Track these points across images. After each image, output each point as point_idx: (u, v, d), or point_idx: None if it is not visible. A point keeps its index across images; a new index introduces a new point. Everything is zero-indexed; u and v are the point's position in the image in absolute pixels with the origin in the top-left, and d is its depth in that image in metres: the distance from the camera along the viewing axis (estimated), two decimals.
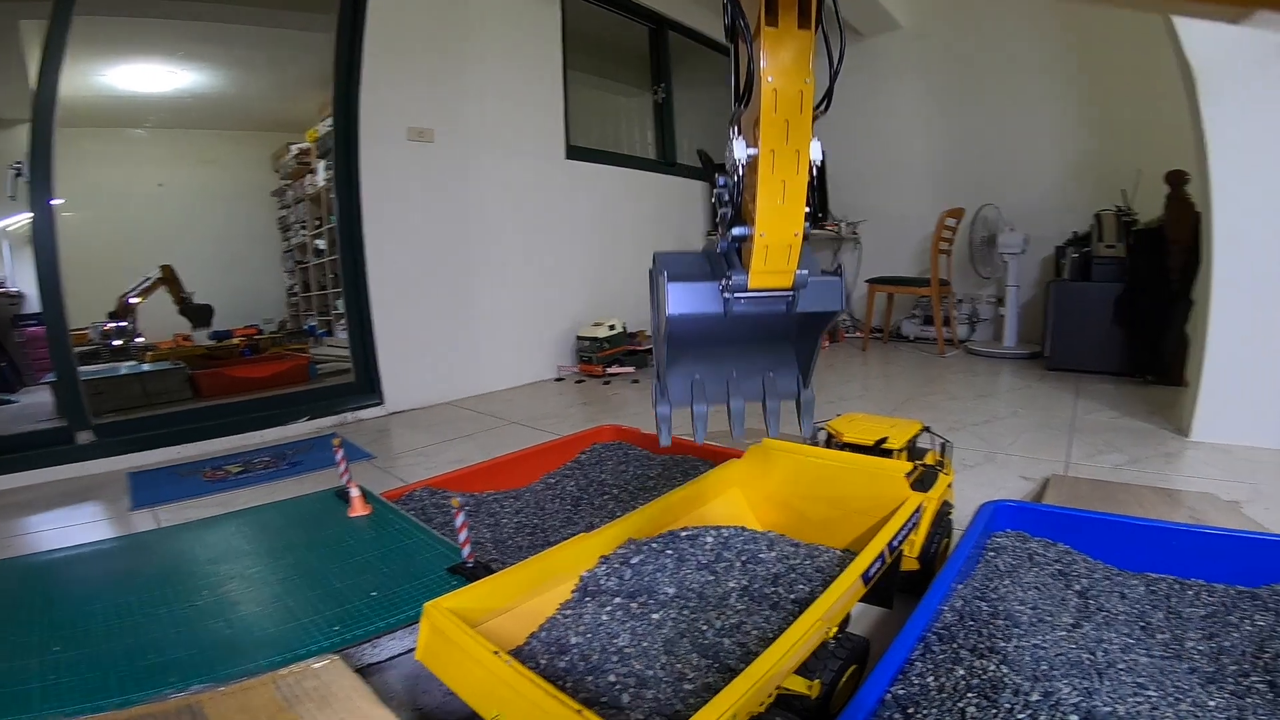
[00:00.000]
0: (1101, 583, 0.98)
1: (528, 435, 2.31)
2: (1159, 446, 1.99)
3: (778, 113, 0.55)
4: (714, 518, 1.16)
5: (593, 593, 0.93)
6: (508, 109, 3.20)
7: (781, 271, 0.62)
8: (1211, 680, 0.77)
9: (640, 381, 3.20)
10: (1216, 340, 2.01)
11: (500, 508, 1.55)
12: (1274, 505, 1.50)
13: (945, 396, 2.73)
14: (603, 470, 1.77)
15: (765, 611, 0.90)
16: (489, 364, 3.17)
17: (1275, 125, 1.87)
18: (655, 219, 4.24)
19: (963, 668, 0.81)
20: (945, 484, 1.20)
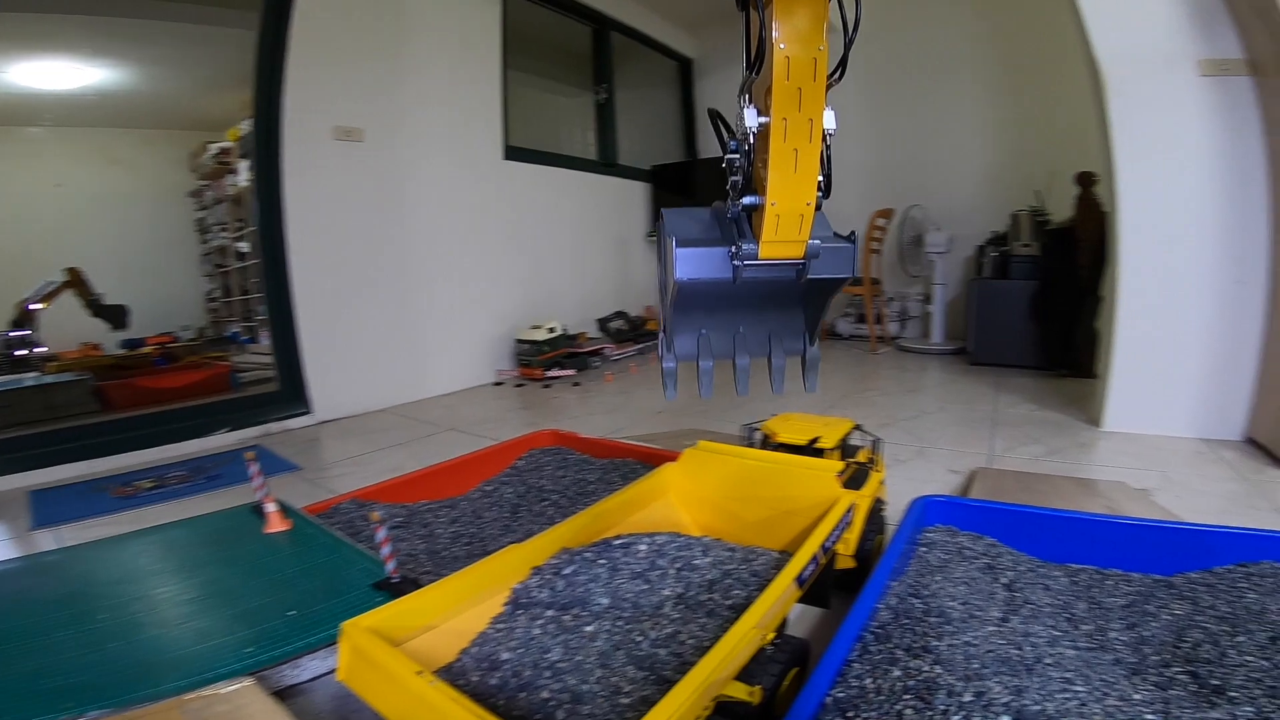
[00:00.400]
0: (1026, 575, 1.00)
1: (466, 442, 2.23)
2: (1074, 437, 2.07)
3: (790, 80, 0.54)
4: (650, 523, 1.13)
5: (525, 605, 0.90)
6: (444, 108, 3.10)
7: (793, 241, 0.61)
8: (1135, 671, 0.78)
9: (581, 384, 3.15)
10: (1124, 335, 2.11)
11: (435, 518, 1.49)
12: (1182, 492, 1.57)
13: (878, 393, 2.79)
14: (541, 476, 1.73)
15: (701, 619, 0.88)
16: (425, 369, 3.05)
17: (1176, 125, 1.97)
18: (596, 220, 4.20)
19: (899, 668, 0.80)
20: (878, 481, 1.20)
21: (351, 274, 2.75)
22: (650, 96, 5.08)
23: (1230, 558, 0.98)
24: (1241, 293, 1.95)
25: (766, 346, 0.76)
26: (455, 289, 3.19)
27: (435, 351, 3.09)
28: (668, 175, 4.70)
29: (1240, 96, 1.90)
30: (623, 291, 4.37)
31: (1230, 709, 0.66)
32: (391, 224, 2.89)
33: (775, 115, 0.55)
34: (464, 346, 3.25)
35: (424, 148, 2.99)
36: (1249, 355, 1.96)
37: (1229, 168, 1.93)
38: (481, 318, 3.34)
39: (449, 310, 3.16)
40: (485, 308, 3.35)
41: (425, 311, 3.04)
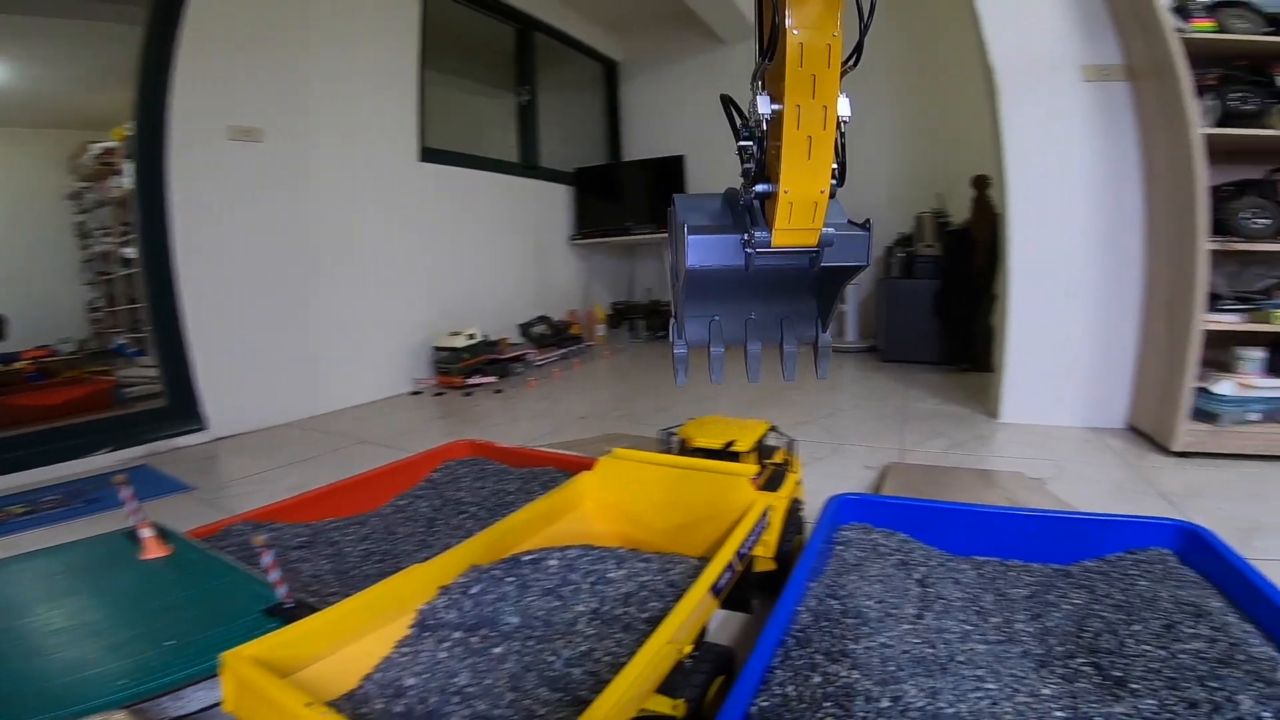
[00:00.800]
0: (937, 570, 1.01)
1: (379, 455, 2.11)
2: (975, 429, 2.16)
3: (804, 67, 0.52)
4: (565, 536, 1.08)
5: (431, 627, 0.85)
6: (356, 108, 2.93)
7: (806, 229, 0.59)
8: (1043, 664, 0.79)
9: (504, 391, 3.06)
10: (1015, 331, 2.22)
11: (342, 536, 1.39)
12: (1074, 481, 1.66)
13: (798, 391, 2.83)
14: (458, 488, 1.65)
15: (617, 635, 0.84)
16: (335, 379, 2.87)
17: (1061, 129, 2.08)
18: (518, 223, 4.10)
19: (819, 674, 0.79)
20: (794, 482, 1.20)
21: (249, 281, 2.55)
22: (574, 98, 5.01)
23: (1120, 545, 1.03)
24: (1120, 289, 2.09)
25: (778, 333, 0.74)
26: (368, 295, 3.02)
27: (345, 361, 2.92)
28: (591, 178, 4.65)
29: (1119, 101, 2.03)
30: (545, 295, 4.28)
31: (1134, 702, 0.67)
32: (294, 228, 2.70)
33: (789, 102, 0.53)
34: (378, 355, 3.09)
35: (332, 148, 2.82)
36: (1127, 348, 2.10)
37: (1108, 171, 2.06)
38: (397, 325, 3.18)
39: (361, 318, 2.99)
40: (401, 314, 3.20)
41: (334, 319, 2.87)
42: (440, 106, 3.67)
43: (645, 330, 4.73)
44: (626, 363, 3.77)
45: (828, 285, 0.72)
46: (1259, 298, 1.86)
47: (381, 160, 3.09)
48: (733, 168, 2.47)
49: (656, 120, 5.13)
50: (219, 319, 2.45)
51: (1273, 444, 1.76)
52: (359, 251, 2.98)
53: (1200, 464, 1.76)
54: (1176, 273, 1.86)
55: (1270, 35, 1.79)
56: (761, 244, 0.60)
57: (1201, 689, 0.66)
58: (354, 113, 2.93)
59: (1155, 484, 1.62)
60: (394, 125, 3.18)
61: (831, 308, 0.73)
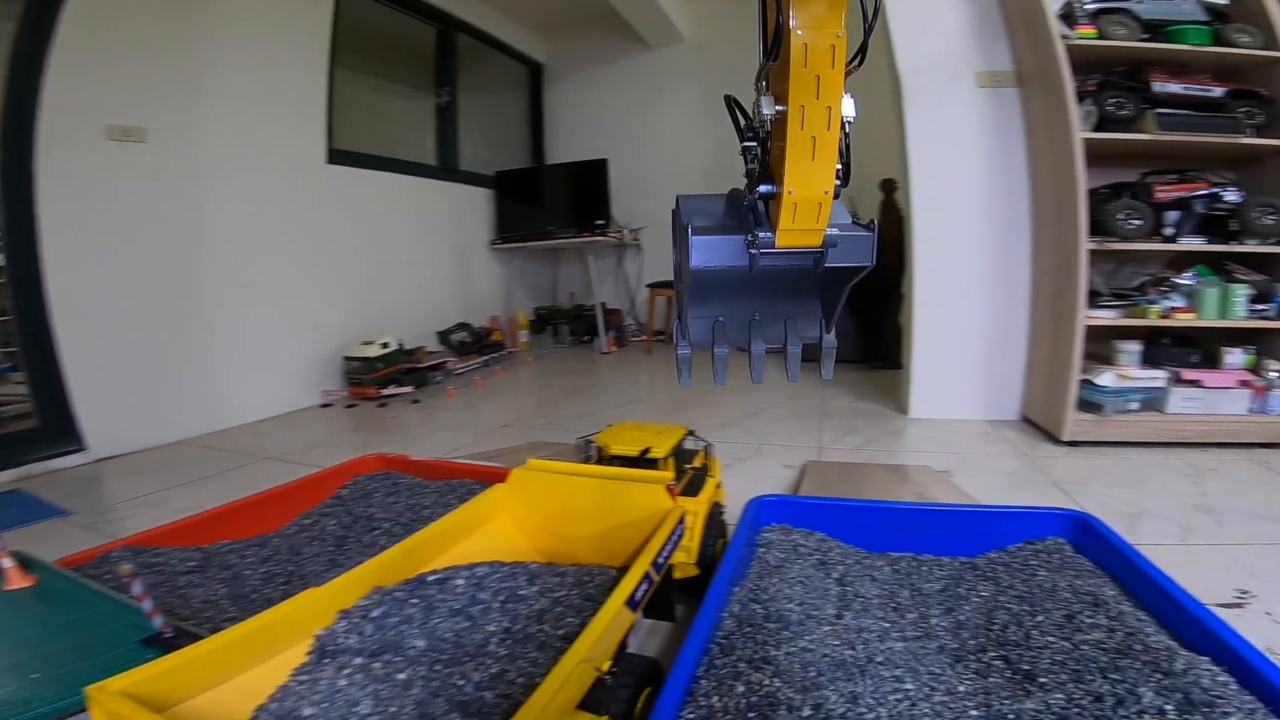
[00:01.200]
0: (855, 568, 1.01)
1: (285, 471, 1.96)
2: (887, 425, 2.23)
3: (808, 67, 0.52)
4: (479, 552, 1.02)
5: (331, 653, 0.78)
6: (256, 107, 2.73)
7: (811, 230, 0.59)
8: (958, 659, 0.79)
9: (421, 401, 2.93)
10: (919, 329, 2.31)
11: (239, 559, 1.29)
12: (976, 472, 1.73)
13: (720, 393, 2.85)
14: (370, 504, 1.55)
15: (532, 654, 0.80)
16: (235, 393, 2.67)
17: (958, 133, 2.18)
18: (435, 228, 3.95)
19: (742, 683, 0.77)
20: (713, 485, 1.18)
21: (132, 290, 2.32)
22: (497, 100, 4.89)
23: (1020, 535, 1.07)
24: (1010, 287, 2.21)
25: (782, 334, 0.74)
26: (271, 304, 2.82)
27: (247, 373, 2.71)
28: (513, 181, 4.55)
29: (1009, 107, 2.14)
30: (466, 302, 4.15)
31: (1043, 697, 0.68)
32: (185, 233, 2.49)
33: (793, 103, 0.53)
34: (283, 366, 2.88)
35: (227, 150, 2.62)
36: (1019, 344, 2.22)
37: (1000, 175, 2.17)
38: (303, 335, 2.98)
39: (264, 327, 2.79)
40: (309, 323, 3.00)
41: (233, 329, 2.66)
42: (354, 107, 3.50)
43: (569, 335, 4.66)
44: (551, 368, 3.70)
45: (832, 286, 0.72)
46: (1134, 294, 2.01)
47: (285, 162, 2.90)
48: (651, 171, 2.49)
49: (581, 123, 5.08)
50: (96, 331, 2.22)
51: (1151, 431, 1.90)
52: (260, 257, 2.78)
53: (1088, 452, 1.88)
54: (1060, 271, 1.98)
55: (1146, 42, 1.91)
56: (765, 244, 0.60)
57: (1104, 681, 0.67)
58: (254, 112, 2.74)
59: (1048, 473, 1.71)
60: (299, 126, 2.98)
61: (835, 308, 0.72)
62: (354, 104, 3.53)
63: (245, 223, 2.71)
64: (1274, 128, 1.90)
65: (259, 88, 2.76)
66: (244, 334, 2.71)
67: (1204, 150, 1.97)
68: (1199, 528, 1.35)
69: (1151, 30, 1.94)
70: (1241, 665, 0.66)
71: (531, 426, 2.38)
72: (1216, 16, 1.96)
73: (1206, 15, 1.94)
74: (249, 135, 2.72)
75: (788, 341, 0.74)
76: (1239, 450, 1.86)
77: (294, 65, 2.95)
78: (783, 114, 0.55)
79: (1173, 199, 1.91)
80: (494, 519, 1.10)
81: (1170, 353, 1.97)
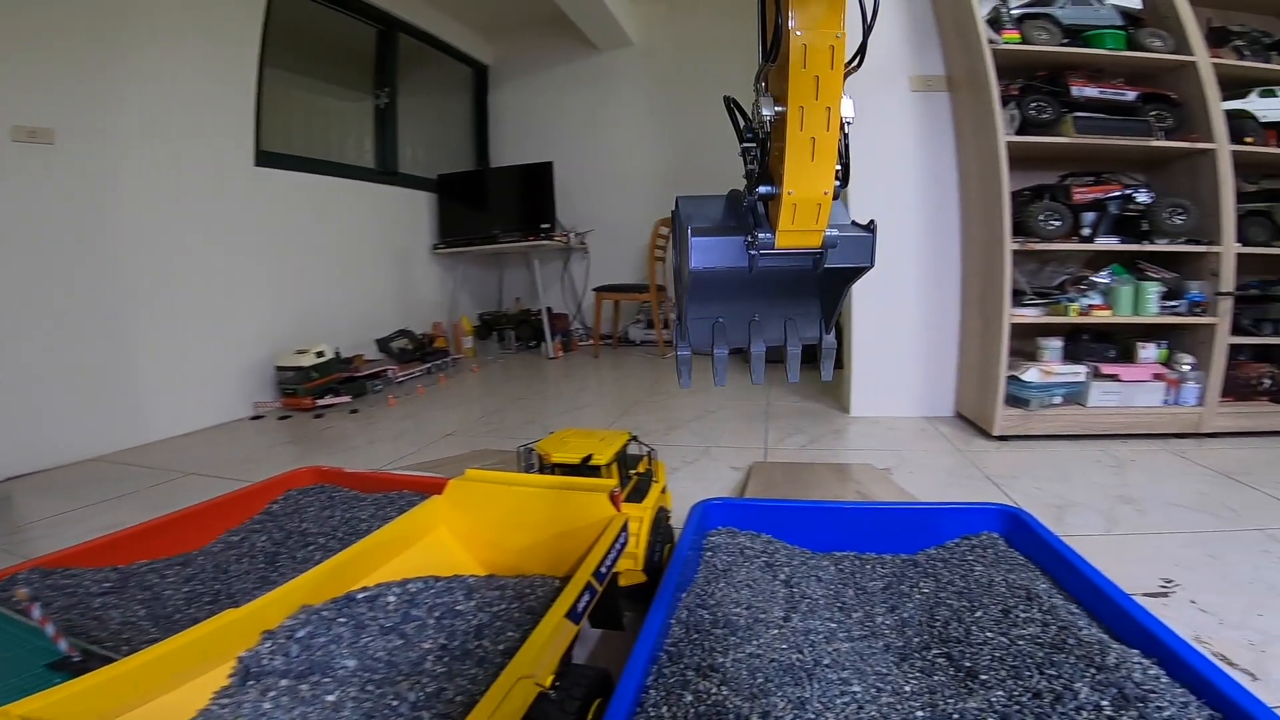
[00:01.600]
0: (801, 569, 1.01)
1: (212, 487, 1.84)
2: (830, 424, 2.26)
3: (807, 69, 0.51)
4: (414, 567, 0.97)
5: (256, 675, 0.74)
6: (177, 107, 2.58)
7: (810, 231, 0.59)
8: (904, 657, 0.79)
9: (360, 411, 2.81)
10: (858, 328, 2.36)
11: (160, 578, 1.21)
12: (914, 469, 1.76)
13: (667, 396, 2.85)
14: (303, 519, 1.46)
15: (471, 671, 0.76)
16: (157, 406, 2.50)
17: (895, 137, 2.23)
18: (374, 233, 3.82)
19: (690, 692, 0.75)
20: (658, 491, 1.16)
21: (40, 300, 2.15)
22: (440, 102, 4.77)
23: (956, 531, 1.08)
24: (943, 288, 2.27)
25: (782, 334, 0.74)
26: (194, 313, 2.66)
27: (168, 385, 2.54)
28: (455, 184, 4.44)
29: (940, 111, 2.21)
30: (407, 308, 4.02)
31: (985, 695, 0.68)
32: (98, 239, 2.33)
33: (792, 104, 0.52)
34: (209, 378, 2.72)
35: (145, 151, 2.47)
36: (951, 342, 2.29)
37: (932, 177, 2.24)
38: (232, 344, 2.82)
39: (186, 337, 2.62)
40: (236, 333, 2.84)
41: (151, 340, 2.50)
42: (287, 109, 3.35)
43: (515, 340, 4.59)
44: (496, 375, 3.62)
45: (832, 287, 0.71)
46: (1055, 292, 2.10)
47: (209, 165, 2.74)
48: (598, 174, 2.45)
49: (527, 126, 5.01)
50: (0, 343, 2.06)
51: (1074, 424, 1.98)
52: (183, 263, 2.62)
53: (1017, 446, 1.95)
54: (987, 271, 2.04)
55: (1066, 46, 1.98)
56: (765, 245, 0.59)
57: (1042, 677, 0.68)
58: (176, 113, 2.59)
59: (981, 468, 1.76)
60: (225, 127, 2.84)
61: (835, 309, 0.72)
62: (287, 105, 3.38)
63: (165, 227, 2.55)
64: (1183, 131, 2.01)
65: (181, 87, 2.62)
66: (165, 344, 2.55)
67: (1118, 153, 2.07)
68: (1122, 518, 1.40)
69: (1072, 35, 2.01)
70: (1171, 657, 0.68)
71: (476, 434, 2.32)
72: (1131, 21, 2.04)
73: (1122, 20, 2.02)
74: (169, 136, 2.57)
75: (787, 342, 0.74)
76: (1156, 440, 1.96)
77: (220, 64, 2.81)
78: (782, 115, 0.55)
79: (1089, 200, 2.00)
80: (431, 532, 1.05)
81: (1089, 348, 2.07)
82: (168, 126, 2.56)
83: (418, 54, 4.39)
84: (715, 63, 4.47)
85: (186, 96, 2.64)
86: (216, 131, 2.80)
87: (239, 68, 2.91)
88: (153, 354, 2.51)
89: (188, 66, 2.65)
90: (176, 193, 2.60)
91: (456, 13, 4.48)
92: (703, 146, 4.57)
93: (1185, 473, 1.69)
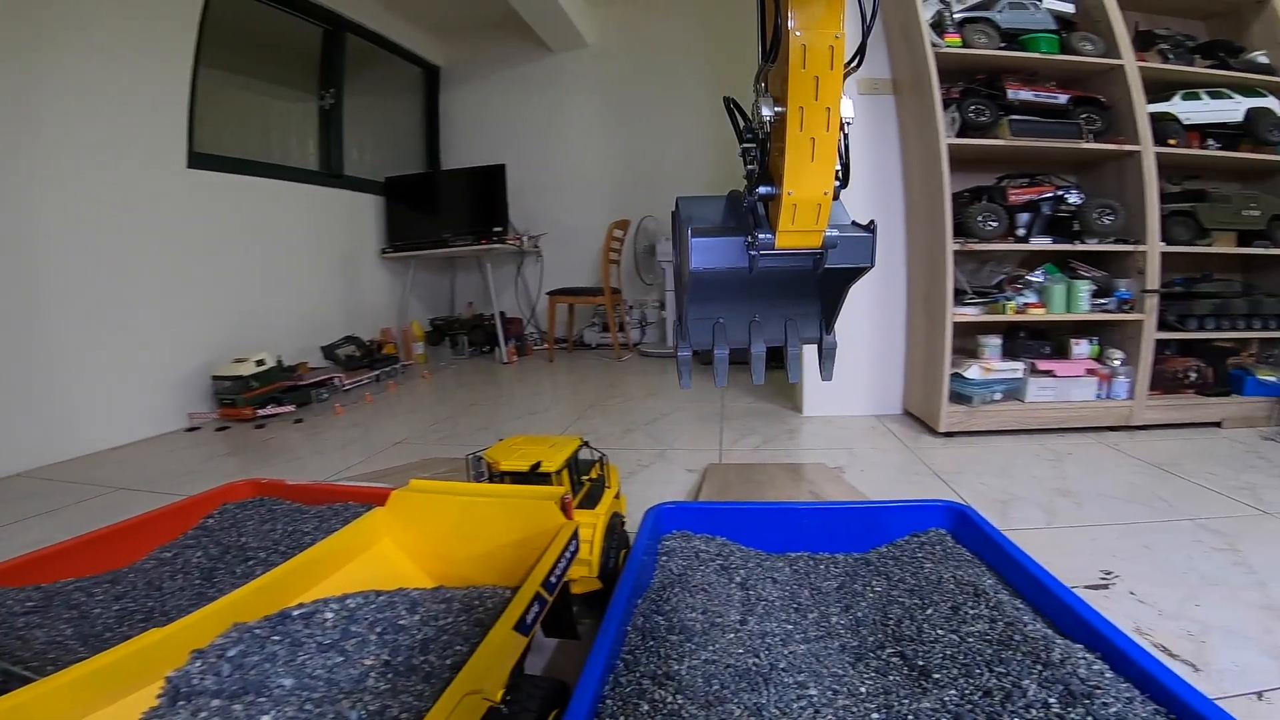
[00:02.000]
0: (756, 570, 1.00)
1: (144, 502, 1.74)
2: (783, 424, 2.28)
3: (807, 69, 0.52)
4: (357, 581, 0.93)
5: (186, 695, 0.71)
6: (104, 107, 2.45)
7: (810, 231, 0.59)
8: (859, 657, 0.79)
9: (304, 420, 2.71)
10: None
11: (88, 597, 1.15)
12: (865, 466, 1.79)
13: (622, 399, 2.83)
14: (241, 533, 1.39)
15: (416, 687, 0.73)
16: (82, 419, 2.34)
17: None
18: (318, 237, 3.68)
19: (646, 701, 0.74)
20: (611, 496, 1.15)
21: None
22: (388, 104, 4.64)
23: (906, 529, 1.10)
24: (890, 287, 2.32)
25: (782, 335, 0.74)
26: (123, 321, 2.52)
27: (96, 397, 2.40)
28: (404, 187, 4.33)
29: (886, 114, 2.25)
30: (354, 314, 3.90)
31: (938, 694, 0.68)
32: (16, 244, 2.18)
33: (791, 104, 0.53)
34: (140, 389, 2.57)
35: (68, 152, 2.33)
36: (898, 341, 2.34)
37: (880, 179, 2.28)
38: (165, 353, 2.68)
39: (115, 347, 2.48)
40: (170, 341, 2.70)
41: (76, 350, 2.35)
42: (225, 109, 3.22)
43: (468, 346, 4.50)
44: (448, 381, 3.54)
45: (832, 287, 0.71)
46: (994, 292, 2.16)
47: (136, 167, 2.60)
48: (552, 177, 2.44)
49: (480, 128, 4.93)
50: None
51: (1014, 419, 2.04)
52: (110, 270, 2.47)
53: (962, 443, 2.00)
54: (931, 271, 2.09)
55: (1004, 50, 2.04)
56: (765, 246, 0.59)
57: (991, 675, 0.68)
58: (103, 111, 2.46)
59: (929, 464, 1.80)
60: (155, 128, 2.70)
61: (836, 309, 0.72)
62: (225, 106, 3.24)
63: (90, 232, 2.41)
64: (1111, 133, 2.09)
65: (109, 85, 2.48)
66: (92, 354, 2.40)
67: (1050, 155, 2.15)
68: (1062, 511, 1.44)
69: (1009, 39, 2.06)
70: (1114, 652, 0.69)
71: (427, 442, 2.26)
72: (1065, 25, 2.11)
73: (1055, 24, 2.08)
74: (95, 136, 2.43)
75: (788, 342, 0.74)
76: (1090, 434, 2.04)
77: (151, 63, 2.68)
78: (781, 115, 0.54)
79: (1024, 201, 2.07)
80: (375, 545, 1.01)
81: (1026, 345, 2.14)
82: (93, 126, 2.42)
83: (367, 54, 4.28)
84: (671, 65, 4.50)
85: (115, 94, 2.50)
86: (147, 132, 2.66)
87: (172, 67, 2.78)
88: (79, 365, 2.36)
89: (117, 63, 2.51)
90: (102, 195, 2.45)
91: (407, 13, 4.38)
92: (657, 149, 4.59)
93: (1119, 465, 1.76)
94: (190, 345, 2.79)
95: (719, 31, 4.36)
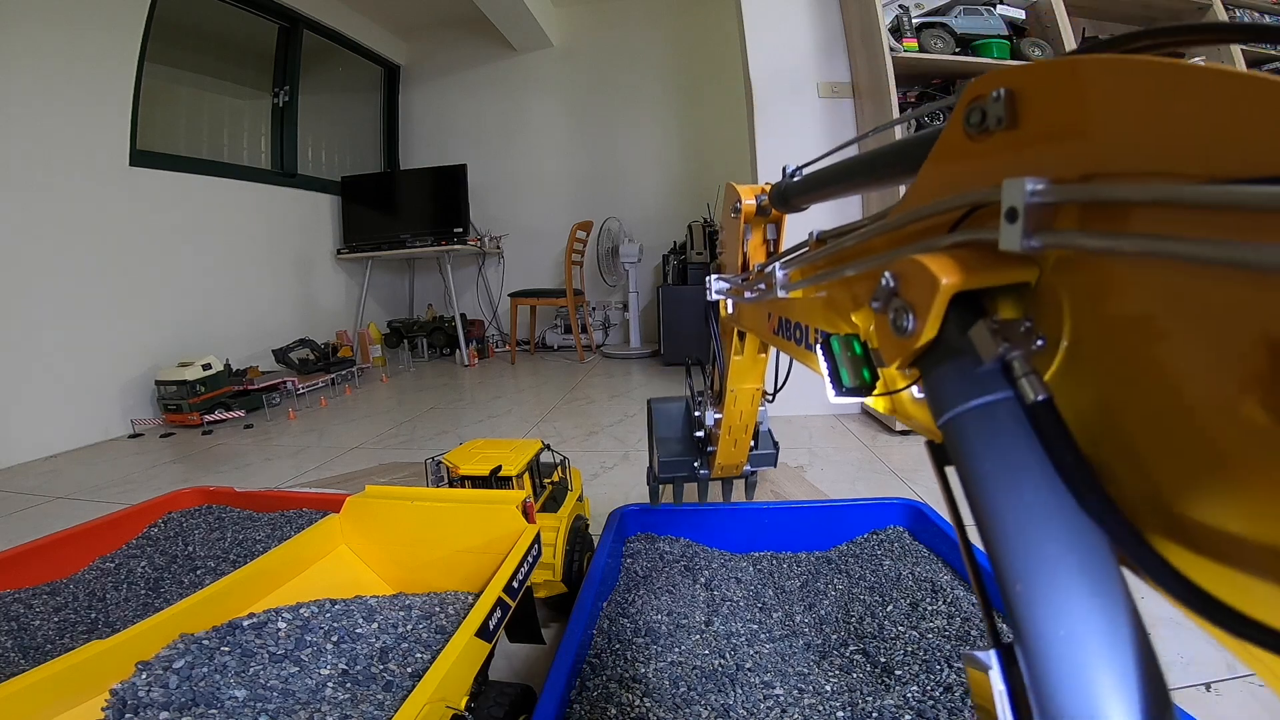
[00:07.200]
0: (720, 571, 1.01)
1: (84, 511, 1.66)
2: None
3: (736, 405, 0.90)
4: (313, 589, 0.90)
5: (133, 708, 0.67)
6: (36, 104, 2.33)
7: (737, 464, 1.04)
8: (823, 655, 0.79)
9: (255, 426, 2.62)
10: None
11: (25, 608, 1.11)
12: (825, 465, 1.82)
13: (585, 401, 2.81)
14: (188, 542, 1.34)
15: (377, 696, 0.71)
16: (14, 426, 2.22)
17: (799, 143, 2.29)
18: (269, 237, 3.56)
19: (613, 705, 0.73)
20: (574, 500, 1.14)
21: None
22: (346, 102, 4.53)
23: (866, 526, 1.12)
24: None
25: None
26: (58, 324, 2.39)
27: (29, 404, 2.27)
28: (361, 187, 4.23)
29: (845, 118, 2.29)
30: (308, 316, 3.79)
31: (901, 691, 0.69)
32: None
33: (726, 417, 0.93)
34: (78, 395, 2.45)
35: None
36: None
37: None
38: (104, 358, 2.55)
39: (49, 351, 2.35)
40: (110, 346, 2.58)
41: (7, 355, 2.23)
42: (172, 106, 3.10)
43: (428, 348, 4.42)
44: (407, 384, 3.47)
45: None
46: None
47: (76, 164, 2.48)
48: (515, 177, 2.47)
49: (441, 128, 4.85)
50: None
51: None
52: (42, 271, 2.35)
53: (917, 439, 2.04)
54: None
55: (958, 55, 2.08)
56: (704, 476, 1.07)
57: (950, 670, 0.69)
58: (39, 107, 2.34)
59: (887, 461, 1.83)
60: (94, 125, 2.58)
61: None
62: (172, 102, 3.12)
63: (19, 233, 2.28)
64: None
65: (46, 78, 2.37)
66: (24, 359, 2.28)
67: None
68: None
69: (964, 45, 2.10)
70: None
71: (385, 447, 2.20)
72: (1016, 31, 2.16)
73: (1008, 30, 2.13)
74: (28, 131, 2.31)
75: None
76: None
77: (91, 58, 2.55)
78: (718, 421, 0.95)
79: None
80: (331, 552, 0.98)
81: None
82: (27, 121, 2.30)
83: (324, 52, 4.17)
84: (635, 67, 4.50)
85: (51, 89, 2.38)
86: (86, 128, 2.54)
87: (114, 62, 2.65)
88: (13, 369, 2.23)
89: (55, 56, 2.39)
90: (32, 195, 2.33)
91: (368, 10, 4.29)
92: (621, 150, 4.59)
93: None
94: (134, 349, 2.67)
95: (682, 35, 4.39)
